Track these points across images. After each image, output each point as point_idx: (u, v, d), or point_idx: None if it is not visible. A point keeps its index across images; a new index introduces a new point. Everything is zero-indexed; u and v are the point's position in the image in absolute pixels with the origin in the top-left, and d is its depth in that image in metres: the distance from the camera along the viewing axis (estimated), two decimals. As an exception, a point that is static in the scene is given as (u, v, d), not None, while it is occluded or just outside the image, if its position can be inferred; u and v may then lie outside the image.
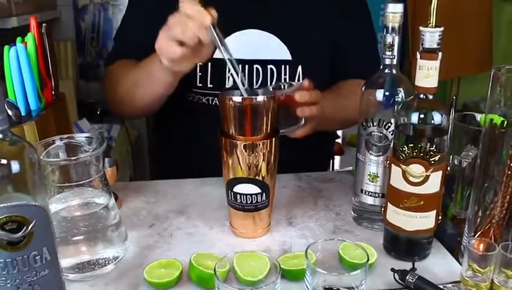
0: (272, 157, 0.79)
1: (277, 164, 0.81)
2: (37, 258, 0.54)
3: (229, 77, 1.07)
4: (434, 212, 0.74)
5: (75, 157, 0.69)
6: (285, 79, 1.06)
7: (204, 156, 0.98)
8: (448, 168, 0.73)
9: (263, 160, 0.78)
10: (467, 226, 0.76)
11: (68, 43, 2.03)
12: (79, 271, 0.72)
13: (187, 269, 0.71)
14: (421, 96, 0.70)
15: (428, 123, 0.70)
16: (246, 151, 0.76)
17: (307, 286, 0.62)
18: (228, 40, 1.05)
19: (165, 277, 0.69)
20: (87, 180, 0.71)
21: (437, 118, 0.70)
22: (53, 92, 0.88)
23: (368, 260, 0.62)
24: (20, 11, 1.56)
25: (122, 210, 0.92)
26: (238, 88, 0.82)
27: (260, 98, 0.77)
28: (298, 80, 1.07)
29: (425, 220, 0.74)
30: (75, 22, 2.17)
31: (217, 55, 1.06)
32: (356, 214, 0.88)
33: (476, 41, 2.28)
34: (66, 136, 0.72)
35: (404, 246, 0.77)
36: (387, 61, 0.77)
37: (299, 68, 1.07)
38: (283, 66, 1.07)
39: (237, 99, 0.76)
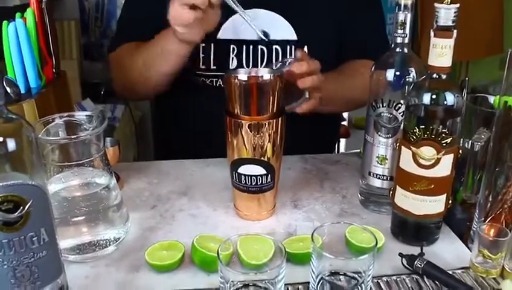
0: (278, 138, 0.77)
1: (283, 145, 0.79)
2: (34, 239, 0.52)
3: (232, 58, 1.05)
4: (444, 196, 0.72)
5: (75, 136, 0.67)
6: None
7: (208, 138, 0.97)
8: (460, 151, 0.70)
9: (269, 141, 0.75)
10: (477, 211, 0.74)
11: (72, 23, 2.00)
12: (80, 252, 0.70)
13: (189, 251, 0.70)
14: (434, 76, 0.67)
15: (441, 104, 0.68)
16: (251, 132, 0.74)
17: (312, 270, 0.60)
18: (233, 20, 1.03)
19: (167, 259, 0.68)
20: (88, 160, 0.69)
21: (450, 98, 0.67)
22: (54, 70, 0.86)
23: (376, 244, 0.60)
24: (22, -12, 1.53)
25: (124, 191, 0.90)
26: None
27: (266, 77, 0.74)
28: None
29: (435, 204, 0.72)
30: (79, 1, 2.13)
31: (220, 36, 1.04)
32: (363, 197, 0.86)
33: (486, 24, 2.23)
34: (66, 114, 0.70)
35: (412, 230, 0.75)
36: (399, 40, 0.74)
37: (305, 49, 1.04)
38: (288, 47, 1.04)
39: (243, 77, 0.73)
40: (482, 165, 0.76)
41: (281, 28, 1.04)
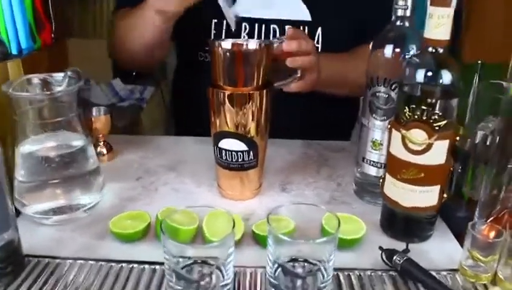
0: (263, 115, 0.72)
1: (269, 124, 0.74)
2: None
3: (244, 37, 1.01)
4: (437, 188, 0.64)
5: (48, 92, 0.66)
6: None
7: None
8: (457, 138, 0.62)
9: (252, 117, 0.71)
10: (477, 209, 0.66)
11: (110, 2, 2.03)
12: (49, 215, 0.69)
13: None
14: (430, 49, 0.60)
15: (435, 83, 0.60)
16: (233, 104, 0.70)
17: (268, 256, 0.55)
18: None
19: (129, 229, 0.65)
20: (62, 119, 0.68)
21: (446, 77, 0.60)
22: (52, 35, 0.85)
23: (339, 228, 0.54)
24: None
25: (114, 161, 0.89)
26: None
27: (251, 46, 0.70)
28: (317, 43, 0.99)
29: (426, 196, 0.64)
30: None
31: (235, 13, 1.01)
32: (358, 187, 0.80)
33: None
34: (43, 74, 0.69)
35: (400, 224, 0.68)
36: (399, 13, 0.67)
37: (319, 30, 0.99)
38: (301, 27, 0.99)
39: (226, 45, 0.69)
40: (486, 159, 0.67)
41: (295, 8, 0.99)
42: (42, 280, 0.58)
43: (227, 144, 0.72)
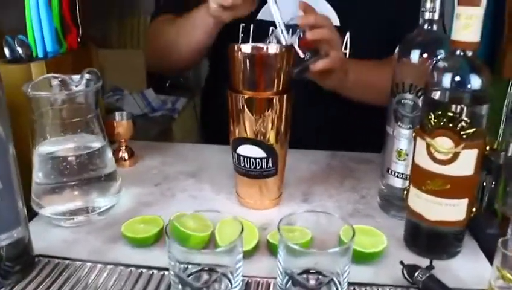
0: (283, 122, 0.70)
1: (289, 132, 0.72)
2: (-15, 185, 0.51)
3: (270, 41, 0.99)
4: (465, 201, 0.60)
5: (67, 92, 0.67)
6: None
7: None
8: (488, 148, 0.58)
9: (272, 124, 0.69)
10: (510, 226, 0.61)
11: (147, 18, 2.08)
12: (68, 216, 0.69)
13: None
14: (458, 52, 0.56)
15: (463, 88, 0.56)
16: (252, 109, 0.68)
17: (278, 267, 0.52)
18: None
19: (141, 233, 0.64)
20: (80, 120, 0.68)
21: (475, 82, 0.56)
22: (79, 40, 0.86)
23: (353, 238, 0.50)
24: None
25: (135, 167, 0.89)
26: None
27: (271, 50, 0.68)
28: (345, 48, 0.97)
29: (453, 209, 0.60)
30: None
31: (260, 16, 1.00)
32: (383, 200, 0.76)
33: None
34: (62, 75, 0.69)
35: (424, 239, 0.64)
36: (427, 16, 0.64)
37: (347, 35, 0.97)
38: None
39: (246, 49, 0.68)
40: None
41: (323, 12, 0.97)
42: (51, 280, 0.58)
43: (246, 150, 0.71)
